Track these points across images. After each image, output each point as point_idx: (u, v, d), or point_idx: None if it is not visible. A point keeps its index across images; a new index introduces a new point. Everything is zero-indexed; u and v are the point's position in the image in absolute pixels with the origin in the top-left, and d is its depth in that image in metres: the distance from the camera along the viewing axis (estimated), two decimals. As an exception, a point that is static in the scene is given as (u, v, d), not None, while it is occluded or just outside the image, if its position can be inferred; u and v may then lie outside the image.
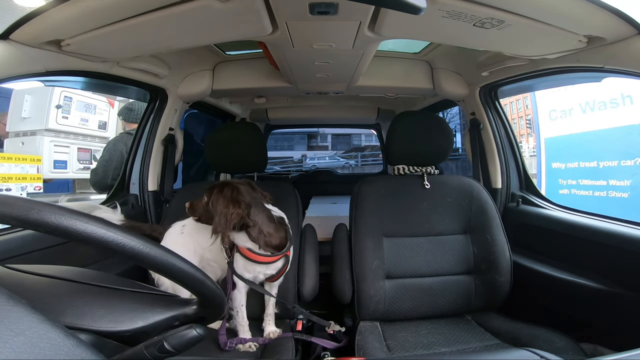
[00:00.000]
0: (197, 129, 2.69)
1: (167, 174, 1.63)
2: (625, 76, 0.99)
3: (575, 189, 3.14)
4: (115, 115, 2.84)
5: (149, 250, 0.40)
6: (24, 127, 2.38)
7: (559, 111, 3.33)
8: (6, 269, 0.52)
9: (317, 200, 2.80)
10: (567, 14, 0.82)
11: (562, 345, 0.98)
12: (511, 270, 1.23)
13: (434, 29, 0.97)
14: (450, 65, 1.58)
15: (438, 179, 1.35)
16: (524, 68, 1.24)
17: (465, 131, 1.70)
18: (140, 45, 1.06)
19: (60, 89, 2.39)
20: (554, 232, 1.28)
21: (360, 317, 1.21)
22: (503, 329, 1.14)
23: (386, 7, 0.82)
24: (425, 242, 1.27)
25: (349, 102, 2.48)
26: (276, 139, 12.02)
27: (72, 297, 0.47)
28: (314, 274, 1.23)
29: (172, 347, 0.41)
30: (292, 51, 1.18)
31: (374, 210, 1.26)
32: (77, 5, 0.78)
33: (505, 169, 1.54)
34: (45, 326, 0.33)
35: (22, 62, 0.92)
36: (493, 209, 1.28)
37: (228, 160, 1.46)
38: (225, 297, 0.53)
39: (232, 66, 1.64)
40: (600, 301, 1.05)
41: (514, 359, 0.87)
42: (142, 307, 0.48)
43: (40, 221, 0.35)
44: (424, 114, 1.75)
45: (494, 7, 0.80)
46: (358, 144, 13.74)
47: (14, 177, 1.94)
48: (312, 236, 1.34)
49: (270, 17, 0.91)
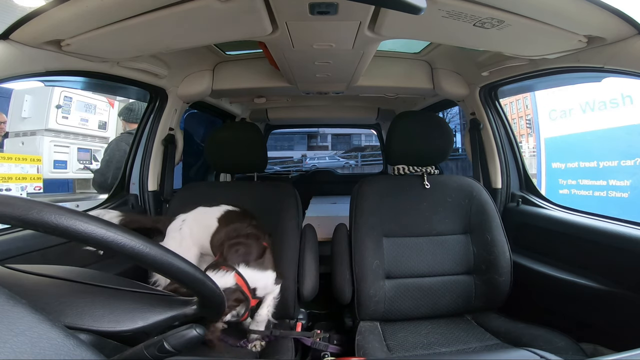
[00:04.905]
0: (197, 129, 2.69)
1: (167, 174, 1.63)
2: (625, 76, 0.99)
3: (575, 189, 3.14)
4: (115, 115, 2.83)
5: (148, 250, 0.40)
6: (24, 127, 2.38)
7: (559, 111, 3.33)
8: (6, 269, 0.52)
9: (317, 200, 2.80)
10: (567, 14, 0.81)
11: (562, 345, 0.97)
12: (511, 270, 1.23)
13: (434, 29, 0.97)
14: (450, 65, 1.57)
15: (438, 179, 1.35)
16: (524, 68, 1.24)
17: (465, 131, 1.70)
18: (140, 45, 1.06)
19: (60, 89, 2.39)
20: (554, 232, 1.28)
21: (360, 317, 1.21)
22: (503, 329, 1.14)
23: (386, 7, 0.82)
24: (425, 242, 1.27)
25: (349, 102, 2.48)
26: (276, 139, 12.01)
27: (72, 297, 0.47)
28: (314, 274, 1.23)
29: (172, 347, 0.41)
30: (292, 51, 1.18)
31: (374, 210, 1.26)
32: (77, 5, 0.78)
33: (505, 169, 1.54)
34: (45, 326, 0.33)
35: (22, 62, 0.92)
36: (493, 209, 1.28)
37: (228, 160, 1.46)
38: (225, 297, 0.53)
39: (232, 66, 1.63)
40: (600, 301, 1.05)
41: (514, 359, 0.87)
42: (142, 307, 0.48)
43: (40, 221, 0.35)
44: (424, 114, 1.75)
45: (494, 7, 0.80)
46: (358, 144, 13.74)
47: (14, 177, 1.93)
48: (312, 236, 1.33)
49: (270, 17, 0.91)
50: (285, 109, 2.57)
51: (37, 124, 2.37)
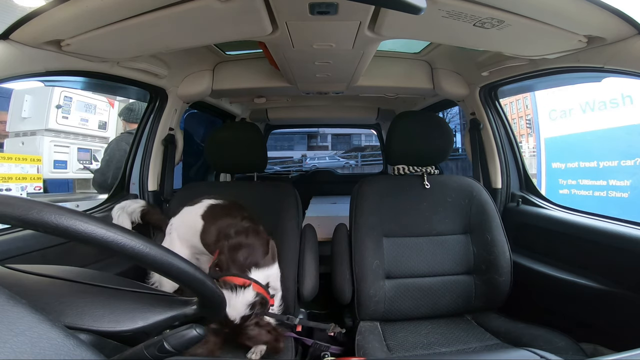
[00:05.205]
0: (197, 129, 2.69)
1: (167, 174, 1.63)
2: (625, 76, 0.99)
3: (575, 189, 3.14)
4: (115, 115, 2.83)
5: (149, 250, 0.40)
6: (24, 127, 2.38)
7: (559, 111, 3.33)
8: (6, 269, 0.52)
9: (317, 200, 2.80)
10: (567, 14, 0.81)
11: (562, 345, 0.98)
12: (511, 270, 1.23)
13: (434, 29, 0.97)
14: (450, 65, 1.57)
15: (438, 179, 1.35)
16: (524, 68, 1.24)
17: (465, 131, 1.70)
18: (140, 45, 1.06)
19: (60, 89, 2.38)
20: (554, 232, 1.28)
21: (360, 317, 1.21)
22: (503, 329, 1.14)
23: (386, 7, 0.82)
24: (425, 242, 1.27)
25: (349, 102, 2.48)
26: (276, 139, 11.99)
27: (72, 297, 0.47)
28: (314, 274, 1.23)
29: (172, 347, 0.41)
30: (292, 51, 1.18)
31: (374, 210, 1.26)
32: (77, 5, 0.78)
33: (505, 169, 1.54)
34: (45, 326, 0.33)
35: (22, 62, 0.92)
36: (493, 209, 1.28)
37: (228, 160, 1.47)
38: (224, 297, 0.53)
39: (232, 66, 1.63)
40: (600, 301, 1.05)
41: (514, 359, 0.87)
42: (142, 307, 0.48)
43: (40, 221, 0.35)
44: (424, 114, 1.75)
45: (494, 7, 0.80)
46: (358, 144, 13.73)
47: (14, 177, 1.93)
48: (312, 236, 1.33)
49: (270, 17, 0.91)
50: (285, 109, 2.57)
51: (37, 124, 2.36)
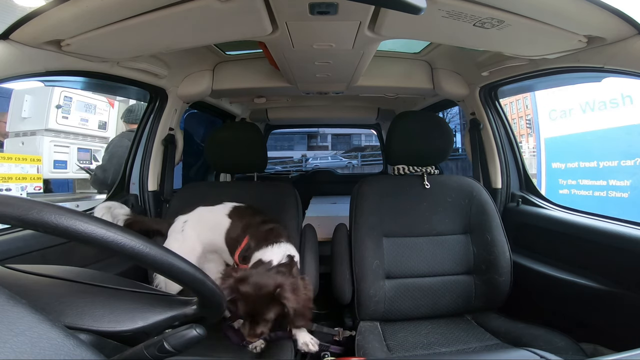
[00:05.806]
0: (197, 129, 2.69)
1: (167, 174, 1.63)
2: (625, 76, 0.99)
3: (575, 189, 3.14)
4: (115, 115, 2.84)
5: (149, 250, 0.40)
6: (24, 127, 2.38)
7: (559, 111, 3.33)
8: (6, 269, 0.52)
9: (317, 200, 2.80)
10: (567, 14, 0.81)
11: (562, 345, 0.98)
12: (511, 270, 1.23)
13: (434, 29, 0.97)
14: (450, 65, 1.57)
15: (438, 179, 1.35)
16: (524, 68, 1.24)
17: (465, 131, 1.70)
18: (140, 45, 1.06)
19: (60, 89, 2.38)
20: (554, 232, 1.28)
21: (360, 317, 1.21)
22: (503, 329, 1.14)
23: (386, 7, 0.82)
24: (425, 242, 1.27)
25: (349, 102, 2.48)
26: (276, 139, 11.99)
27: (72, 297, 0.47)
28: (313, 274, 1.23)
29: (172, 347, 0.41)
30: (292, 51, 1.18)
31: (374, 210, 1.26)
32: (77, 5, 0.78)
33: (505, 169, 1.54)
34: (45, 326, 0.33)
35: (22, 62, 0.92)
36: (493, 209, 1.28)
37: (228, 160, 1.47)
38: (224, 297, 0.53)
39: (232, 66, 1.63)
40: (600, 301, 1.05)
41: (514, 359, 0.87)
42: (142, 307, 0.48)
43: (40, 221, 0.35)
44: (424, 114, 1.75)
45: (494, 7, 0.80)
46: (358, 144, 13.73)
47: (14, 177, 1.93)
48: (312, 236, 1.33)
49: (270, 17, 0.91)
50: (285, 109, 2.57)
51: (37, 124, 2.36)
